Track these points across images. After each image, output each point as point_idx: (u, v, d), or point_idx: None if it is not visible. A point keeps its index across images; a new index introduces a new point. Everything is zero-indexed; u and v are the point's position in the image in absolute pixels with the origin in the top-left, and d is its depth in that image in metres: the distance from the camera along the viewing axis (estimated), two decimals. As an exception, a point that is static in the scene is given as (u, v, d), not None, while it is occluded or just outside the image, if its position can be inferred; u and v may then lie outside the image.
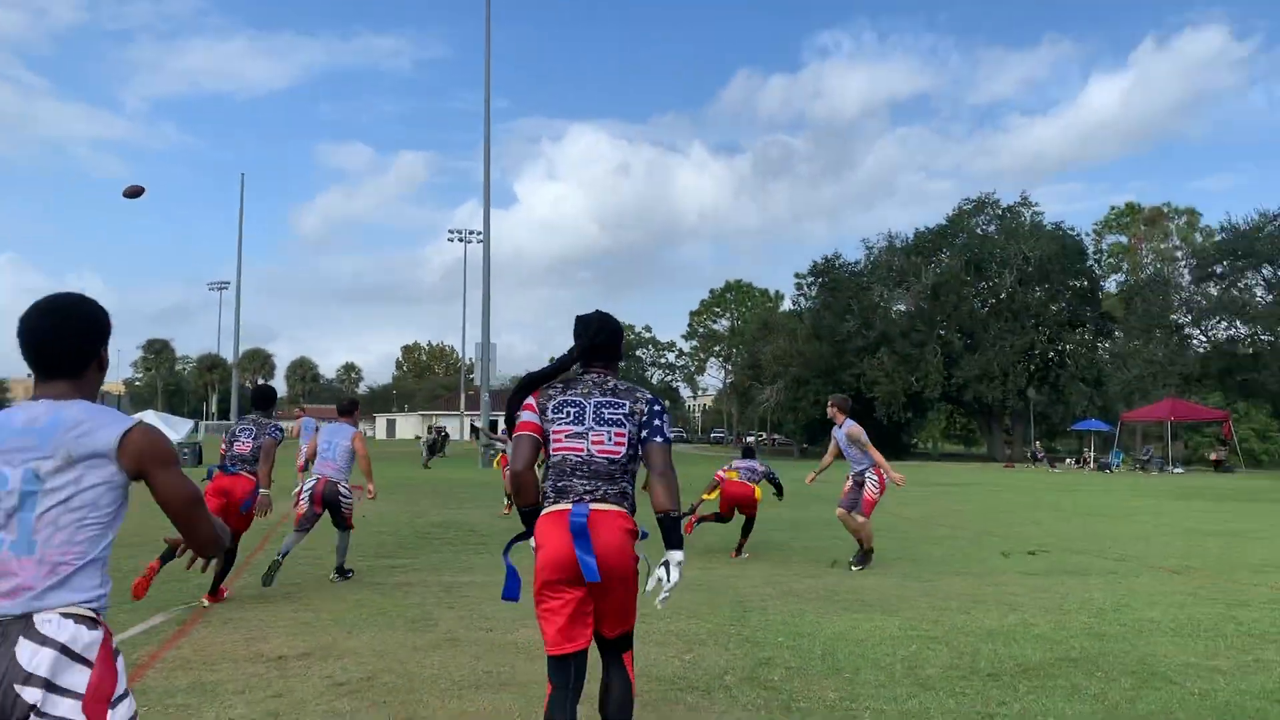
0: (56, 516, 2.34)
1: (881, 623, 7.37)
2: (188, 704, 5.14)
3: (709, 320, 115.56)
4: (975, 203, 62.99)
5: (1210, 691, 5.58)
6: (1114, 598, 8.64)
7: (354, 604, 7.96)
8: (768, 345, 64.05)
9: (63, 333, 2.47)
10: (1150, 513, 18.56)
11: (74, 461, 2.36)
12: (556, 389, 3.79)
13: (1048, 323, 58.55)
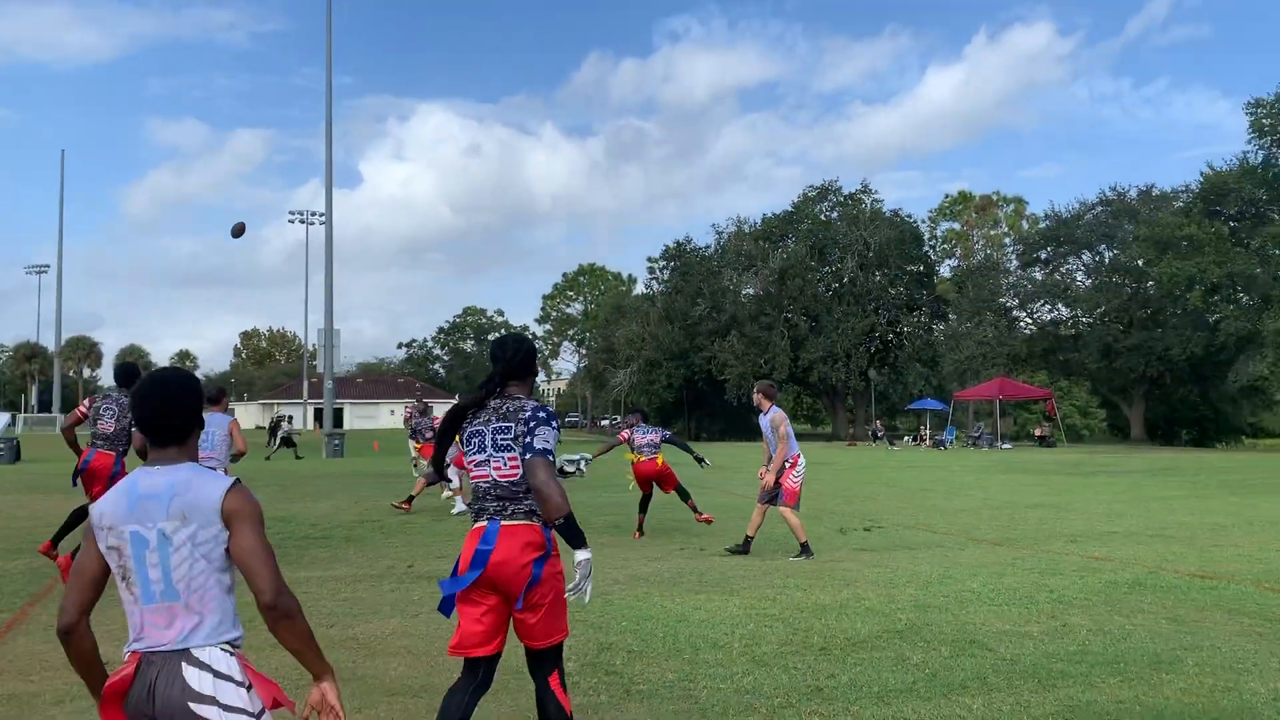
0: (189, 567, 2.74)
1: (722, 603, 7.59)
2: (3, 716, 4.88)
3: (562, 304, 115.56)
4: (819, 190, 65.01)
5: (1020, 656, 5.98)
6: (940, 570, 9.12)
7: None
8: (621, 329, 64.60)
9: (171, 408, 2.87)
10: (978, 488, 19.62)
11: (188, 520, 2.75)
12: (469, 419, 4.01)
13: (887, 306, 60.99)
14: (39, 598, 8.00)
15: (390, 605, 7.61)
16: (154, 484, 2.80)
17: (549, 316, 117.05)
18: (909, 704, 5.04)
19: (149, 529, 2.74)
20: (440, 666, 5.77)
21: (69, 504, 16.16)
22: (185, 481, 2.79)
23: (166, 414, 2.87)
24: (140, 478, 2.85)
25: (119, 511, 2.78)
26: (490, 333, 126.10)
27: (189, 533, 2.74)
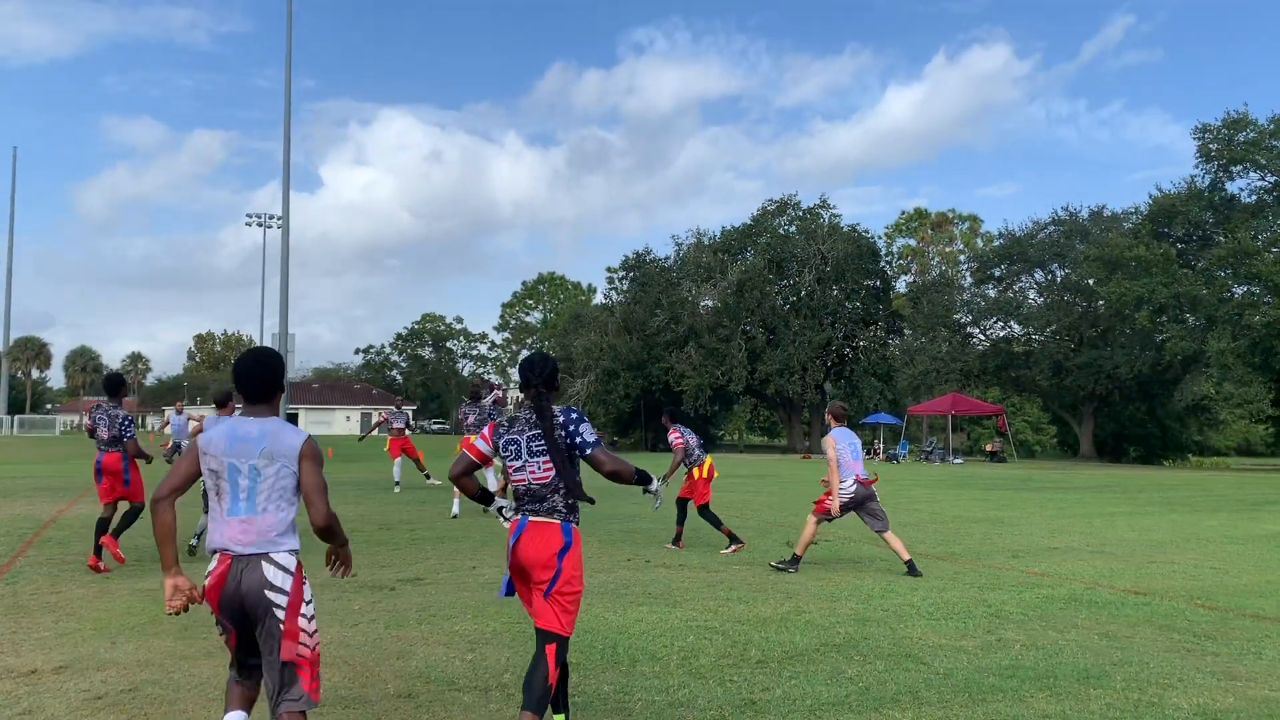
0: (269, 491, 3.82)
1: (664, 615, 7.61)
2: (-80, 727, 4.79)
3: (521, 312, 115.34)
4: (778, 204, 65.47)
5: (954, 670, 6.06)
6: (881, 584, 9.22)
7: (122, 612, 7.57)
8: (579, 338, 64.54)
9: (263, 373, 3.96)
10: (926, 501, 19.82)
11: (274, 460, 3.83)
12: (504, 427, 4.64)
13: (843, 320, 61.46)
14: (-31, 604, 7.85)
15: (330, 614, 7.55)
16: (248, 430, 3.86)
17: (508, 324, 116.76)
18: (840, 717, 5.09)
19: (243, 463, 3.83)
20: (376, 678, 5.75)
21: (9, 507, 15.85)
22: (273, 432, 3.87)
23: (258, 379, 3.95)
24: (237, 424, 3.90)
25: (221, 446, 3.85)
26: (448, 339, 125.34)
27: (274, 469, 3.83)
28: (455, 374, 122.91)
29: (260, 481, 3.82)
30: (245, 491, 3.82)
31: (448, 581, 9.16)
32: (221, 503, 3.83)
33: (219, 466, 3.84)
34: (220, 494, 3.83)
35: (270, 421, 3.90)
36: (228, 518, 3.82)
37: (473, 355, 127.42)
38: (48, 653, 6.28)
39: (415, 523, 14.15)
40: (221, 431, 3.89)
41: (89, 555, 9.82)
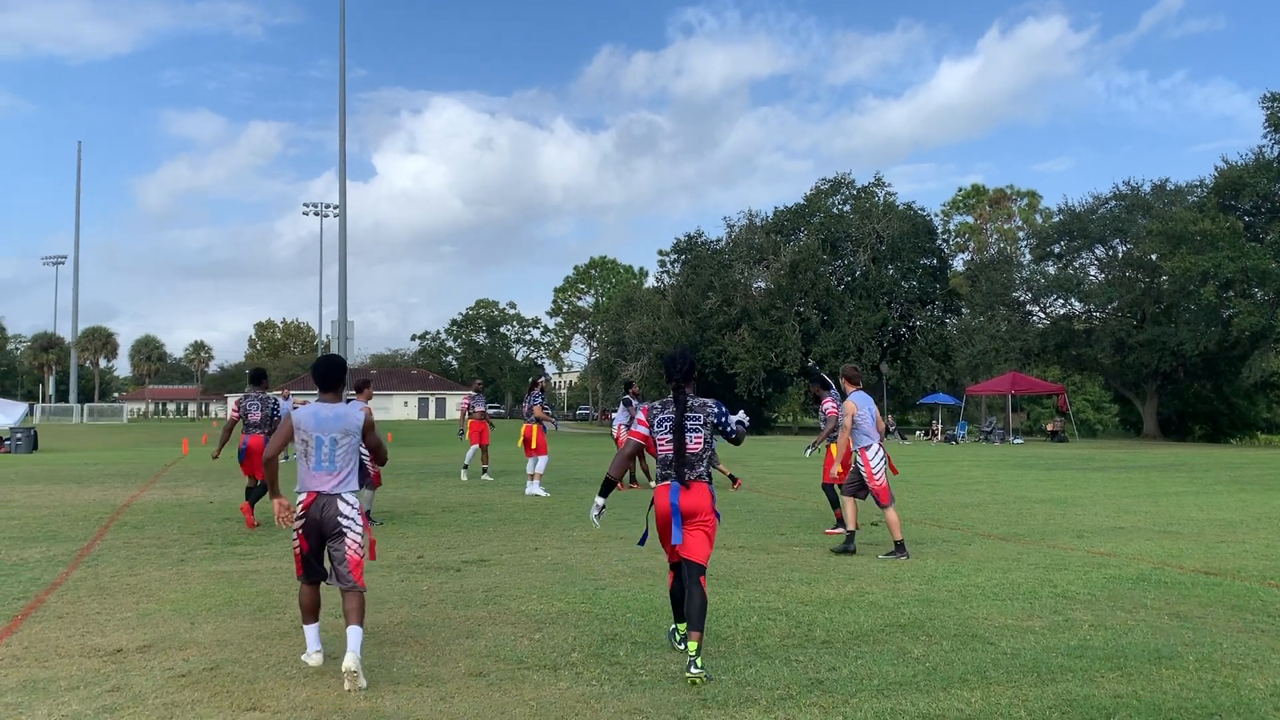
0: (343, 454, 5.64)
1: (727, 596, 7.65)
2: (18, 703, 4.99)
3: (573, 296, 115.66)
4: (831, 183, 64.76)
5: (1021, 650, 6.03)
6: (945, 565, 9.17)
7: (199, 594, 7.79)
8: (631, 322, 64.58)
9: (334, 372, 5.84)
10: (987, 482, 19.62)
11: (348, 433, 5.67)
12: (658, 408, 6.02)
13: (899, 300, 60.77)
14: (55, 586, 8.13)
15: (399, 596, 7.70)
16: (327, 413, 5.69)
17: (560, 309, 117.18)
18: (908, 697, 5.10)
19: (325, 435, 5.64)
20: (447, 656, 5.87)
21: (85, 493, 16.35)
22: (344, 413, 5.73)
23: (331, 376, 5.83)
24: (319, 408, 5.71)
25: (309, 423, 5.63)
26: (502, 325, 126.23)
27: (347, 440, 5.68)
28: (509, 359, 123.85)
29: (337, 448, 5.67)
30: (327, 454, 5.64)
31: (511, 563, 9.29)
32: (309, 460, 5.64)
33: (308, 437, 5.64)
34: (308, 455, 5.63)
35: (339, 405, 5.78)
36: (314, 471, 5.63)
37: (526, 340, 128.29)
38: (131, 632, 6.49)
39: (477, 506, 14.34)
40: (309, 412, 5.68)
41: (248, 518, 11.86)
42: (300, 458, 5.65)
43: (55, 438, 44.12)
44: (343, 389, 5.86)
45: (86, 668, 5.64)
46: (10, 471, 22.34)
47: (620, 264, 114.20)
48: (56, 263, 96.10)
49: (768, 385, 59.76)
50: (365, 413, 5.79)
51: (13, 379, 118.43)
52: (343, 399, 5.81)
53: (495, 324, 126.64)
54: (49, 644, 6.17)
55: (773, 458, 29.14)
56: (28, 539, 10.95)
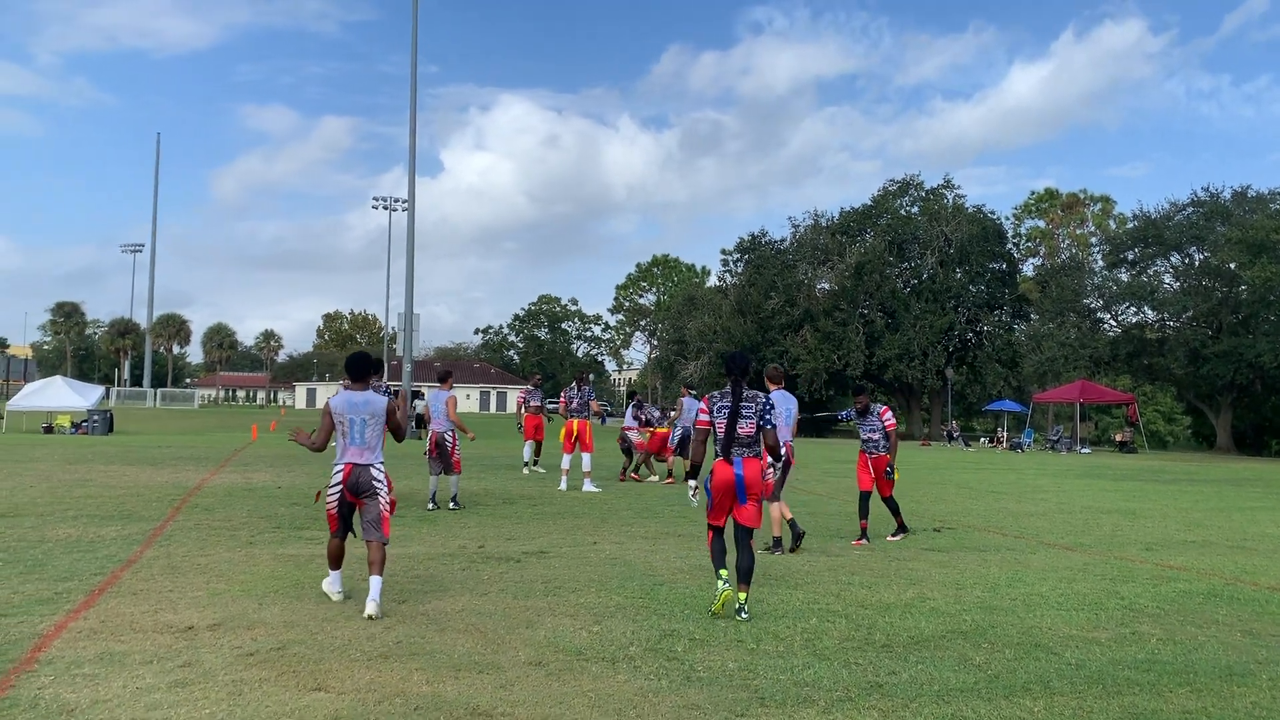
0: (371, 432, 6.95)
1: (785, 597, 7.63)
2: (95, 674, 5.15)
3: (635, 294, 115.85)
4: (900, 184, 64.03)
5: (1085, 662, 5.92)
6: (1008, 573, 9.03)
7: (267, 576, 7.97)
8: (692, 320, 64.48)
9: (364, 366, 7.15)
10: (1053, 491, 19.27)
11: (375, 415, 6.98)
12: (717, 398, 7.19)
13: (967, 304, 59.89)
14: (130, 563, 8.37)
15: (460, 584, 7.80)
16: (358, 398, 6.99)
17: (622, 306, 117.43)
18: (969, 704, 5.04)
19: (357, 417, 6.94)
20: (507, 645, 5.93)
21: (159, 475, 16.80)
22: (370, 398, 7.01)
23: (361, 369, 7.12)
24: (351, 395, 7.00)
25: (344, 408, 6.94)
26: (563, 321, 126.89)
27: (375, 421, 6.98)
28: (570, 354, 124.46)
29: (367, 428, 7.00)
30: (360, 433, 6.99)
31: (570, 555, 9.35)
32: (345, 438, 7.00)
33: (344, 419, 7.00)
34: (345, 434, 6.99)
35: (367, 393, 7.12)
36: (350, 445, 7.00)
37: (587, 336, 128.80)
38: (202, 611, 6.66)
39: (537, 498, 14.45)
40: (343, 399, 7.04)
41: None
42: (339, 436, 6.99)
43: (130, 421, 45.38)
44: (369, 380, 7.20)
45: (159, 643, 5.80)
46: (88, 452, 23.04)
47: (682, 262, 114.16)
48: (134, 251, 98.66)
49: (829, 387, 59.25)
50: (388, 399, 7.29)
51: (90, 363, 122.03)
52: (369, 387, 7.15)
53: (557, 320, 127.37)
54: (124, 619, 6.36)
55: (832, 460, 28.90)
56: (105, 517, 11.29)
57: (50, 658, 5.41)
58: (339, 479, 6.95)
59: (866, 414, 11.37)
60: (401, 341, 40.50)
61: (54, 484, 14.99)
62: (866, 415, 11.35)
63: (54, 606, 6.67)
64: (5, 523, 10.60)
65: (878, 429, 11.22)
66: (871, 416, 11.29)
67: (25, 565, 8.15)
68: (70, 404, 35.26)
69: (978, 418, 71.81)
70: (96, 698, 4.77)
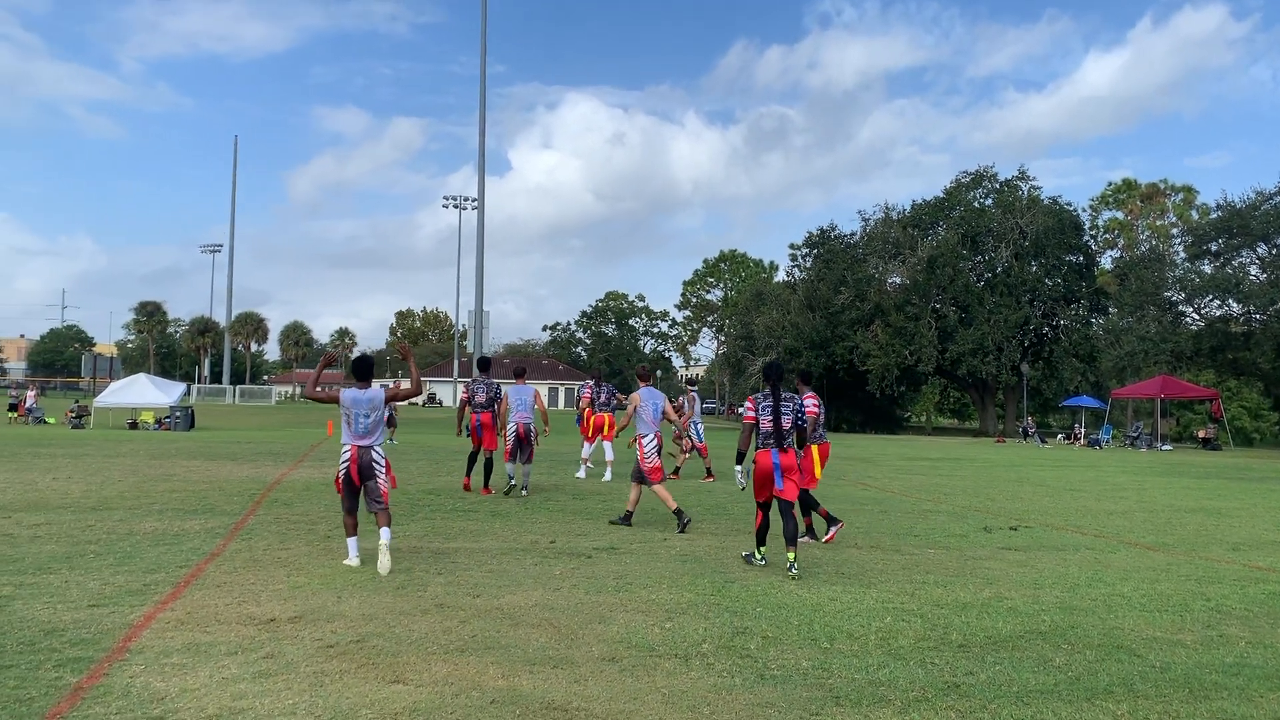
0: (372, 422, 8.35)
1: (859, 595, 7.56)
2: (183, 663, 5.30)
3: (702, 290, 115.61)
4: (973, 176, 62.93)
5: (1171, 664, 5.77)
6: (1088, 573, 8.84)
7: (344, 569, 8.13)
8: (760, 316, 64.08)
9: (368, 368, 8.60)
10: (1134, 489, 18.80)
11: (375, 408, 8.38)
12: (761, 398, 8.64)
13: (1042, 298, 58.65)
14: (214, 556, 8.60)
15: (533, 579, 7.87)
16: (363, 395, 8.38)
17: (688, 302, 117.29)
18: (1049, 705, 4.95)
19: (360, 410, 8.32)
20: (579, 640, 5.97)
21: (239, 470, 17.23)
22: (374, 394, 8.43)
23: (365, 371, 8.57)
24: (356, 392, 8.40)
25: (350, 402, 8.30)
26: (631, 317, 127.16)
27: (375, 412, 8.37)
28: (637, 350, 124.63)
29: (369, 419, 8.34)
30: (363, 423, 8.32)
31: (641, 551, 9.38)
32: (351, 426, 8.31)
33: (349, 411, 8.33)
34: (350, 423, 8.31)
35: (370, 389, 8.45)
36: (355, 433, 8.29)
37: (654, 333, 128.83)
38: (283, 603, 6.82)
39: (607, 495, 14.51)
40: (350, 395, 8.36)
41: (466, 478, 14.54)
42: (344, 424, 8.33)
43: (210, 417, 46.60)
44: (372, 379, 8.54)
45: (243, 634, 5.96)
46: (171, 448, 23.72)
47: (750, 258, 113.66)
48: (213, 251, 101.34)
49: (901, 383, 58.50)
50: (385, 390, 8.54)
51: (172, 360, 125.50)
52: (372, 384, 8.48)
53: (624, 316, 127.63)
54: (209, 611, 6.54)
55: (906, 458, 28.55)
56: (188, 511, 11.61)
57: (140, 647, 5.59)
58: (348, 458, 8.28)
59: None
60: (471, 338, 40.97)
61: (140, 478, 15.47)
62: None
63: (143, 598, 6.88)
64: (96, 516, 10.97)
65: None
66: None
67: (116, 557, 8.42)
68: (153, 401, 36.31)
69: (1054, 414, 70.22)
70: (185, 687, 4.92)
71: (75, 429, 33.69)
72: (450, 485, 15.36)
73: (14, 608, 6.48)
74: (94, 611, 6.43)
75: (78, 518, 10.80)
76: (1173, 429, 51.67)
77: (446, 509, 12.43)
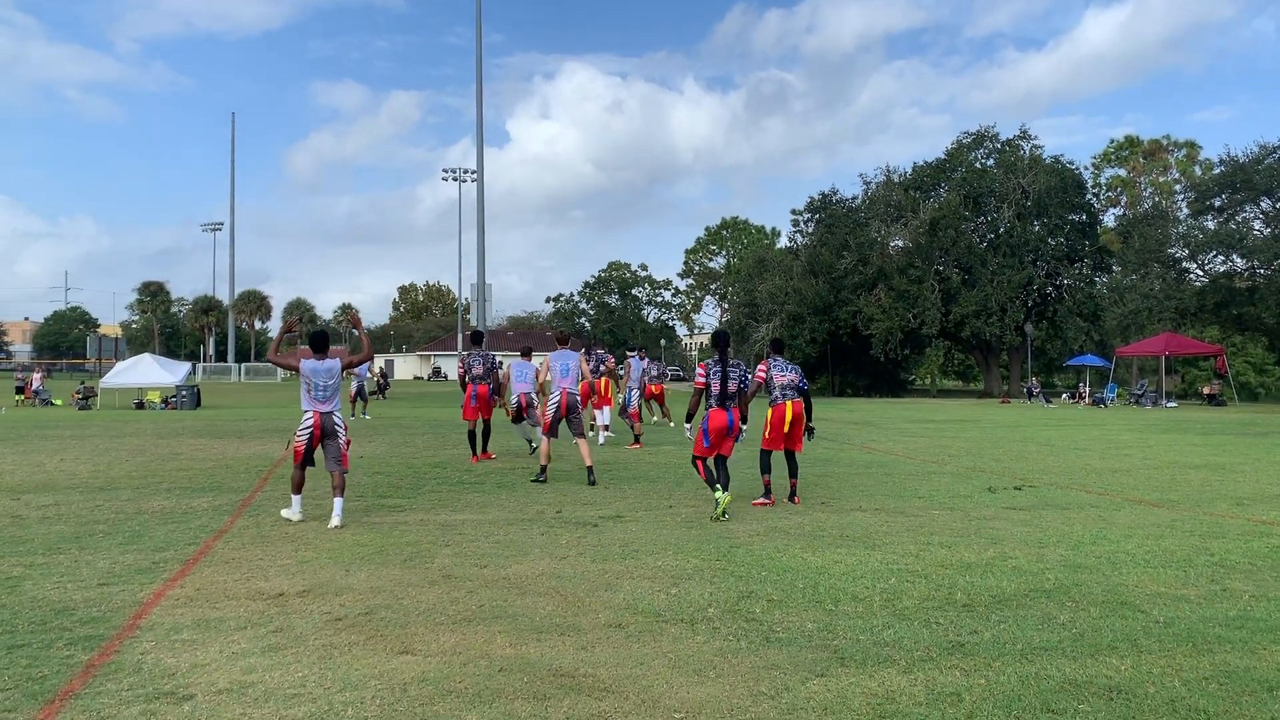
0: (330, 389, 9.23)
1: (864, 558, 7.60)
2: (193, 639, 5.35)
3: (705, 258, 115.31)
4: (974, 136, 62.52)
5: (1174, 619, 5.80)
6: (1092, 531, 8.87)
7: (351, 543, 8.18)
8: (763, 282, 63.88)
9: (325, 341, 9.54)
10: (1138, 446, 18.82)
11: (332, 375, 9.25)
12: (711, 364, 9.83)
13: (1046, 257, 58.44)
14: (221, 533, 8.66)
15: (540, 548, 7.92)
16: (322, 365, 9.22)
17: (691, 270, 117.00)
18: (1053, 662, 4.98)
19: (320, 378, 9.18)
20: (586, 608, 6.01)
21: (245, 447, 17.29)
22: (331, 364, 9.26)
23: (323, 343, 9.46)
24: (316, 362, 9.22)
25: (309, 370, 9.15)
26: (633, 287, 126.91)
27: (332, 380, 9.23)
28: (641, 320, 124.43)
29: (328, 385, 9.20)
30: (322, 389, 9.18)
31: (646, 519, 9.42)
32: (311, 394, 9.16)
33: (310, 380, 9.16)
34: (311, 390, 9.16)
35: (327, 360, 9.26)
36: (316, 399, 9.17)
37: (657, 302, 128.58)
38: (291, 578, 6.87)
39: (613, 464, 14.56)
40: (310, 365, 9.17)
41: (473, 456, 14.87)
42: (305, 392, 9.17)
43: (216, 395, 46.70)
44: (328, 351, 9.38)
45: (252, 609, 6.00)
46: (177, 426, 23.80)
47: (752, 224, 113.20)
48: (214, 229, 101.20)
49: (905, 346, 58.42)
50: (339, 358, 9.41)
51: (176, 340, 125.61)
52: (328, 355, 9.31)
53: (627, 286, 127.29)
54: (218, 587, 6.59)
55: (910, 420, 28.59)
56: (195, 489, 11.67)
57: (151, 624, 5.64)
58: (310, 422, 9.16)
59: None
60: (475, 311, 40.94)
61: (147, 458, 15.53)
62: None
63: (152, 575, 6.93)
64: (104, 496, 11.03)
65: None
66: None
67: (124, 536, 8.48)
68: (159, 380, 36.39)
69: (1059, 373, 70.29)
70: (195, 662, 4.97)
71: (82, 410, 33.79)
72: (456, 458, 15.41)
73: (24, 588, 6.53)
74: (104, 590, 6.48)
75: (86, 498, 10.86)
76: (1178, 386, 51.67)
77: (452, 481, 12.48)
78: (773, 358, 10.92)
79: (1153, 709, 4.37)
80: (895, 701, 4.44)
